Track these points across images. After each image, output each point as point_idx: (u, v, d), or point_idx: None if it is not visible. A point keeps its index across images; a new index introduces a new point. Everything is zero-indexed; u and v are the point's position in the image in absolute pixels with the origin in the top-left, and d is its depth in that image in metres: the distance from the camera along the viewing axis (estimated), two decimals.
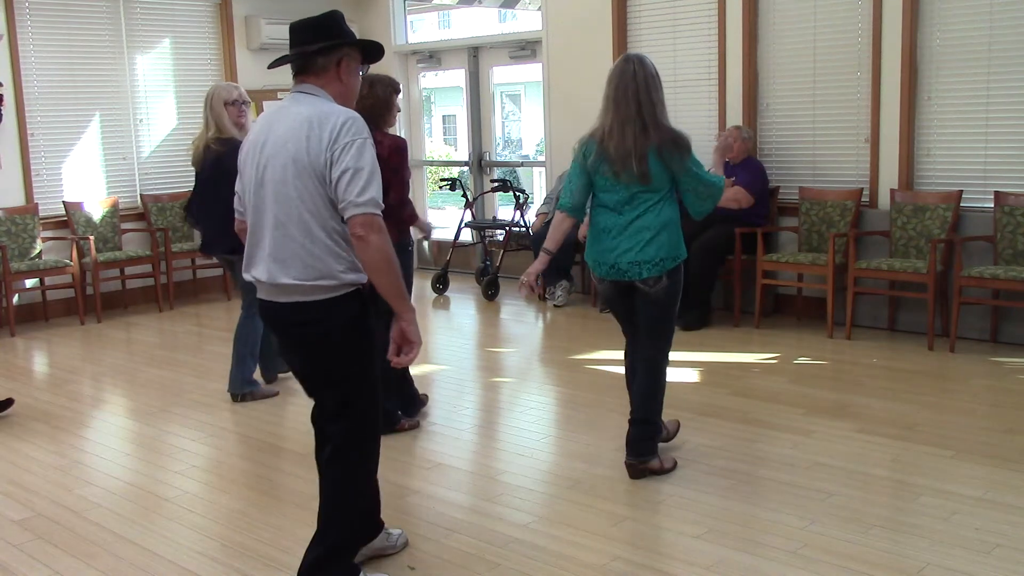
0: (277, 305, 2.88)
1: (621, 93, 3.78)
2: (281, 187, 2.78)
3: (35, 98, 7.81)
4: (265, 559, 3.37)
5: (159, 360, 6.46)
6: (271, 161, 2.80)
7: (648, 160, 3.75)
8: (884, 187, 6.54)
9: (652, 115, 3.76)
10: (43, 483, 4.24)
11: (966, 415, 4.73)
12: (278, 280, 2.81)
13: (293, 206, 2.76)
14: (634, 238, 3.80)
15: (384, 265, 2.73)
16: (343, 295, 2.82)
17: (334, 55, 2.88)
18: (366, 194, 2.69)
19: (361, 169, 2.69)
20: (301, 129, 2.75)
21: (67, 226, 7.89)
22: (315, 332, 2.85)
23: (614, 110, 3.80)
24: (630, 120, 3.75)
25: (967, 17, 6.17)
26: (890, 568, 3.15)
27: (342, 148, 2.70)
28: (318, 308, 2.81)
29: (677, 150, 3.77)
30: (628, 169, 3.75)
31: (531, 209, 8.87)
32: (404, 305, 2.80)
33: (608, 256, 3.86)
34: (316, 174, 2.73)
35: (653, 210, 3.81)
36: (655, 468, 4.00)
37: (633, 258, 3.80)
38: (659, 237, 3.80)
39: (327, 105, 2.81)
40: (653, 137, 3.74)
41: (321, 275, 2.78)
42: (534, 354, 6.60)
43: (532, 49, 8.76)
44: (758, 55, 7.06)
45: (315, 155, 2.72)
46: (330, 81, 2.89)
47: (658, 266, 3.80)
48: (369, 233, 2.69)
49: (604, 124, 3.82)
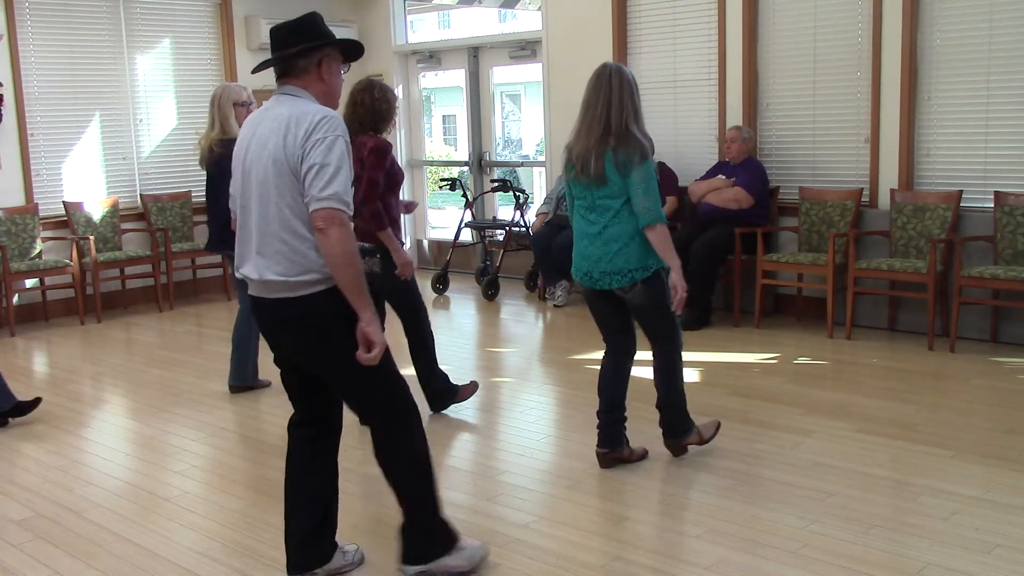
0: (266, 301, 2.93)
1: (593, 97, 3.83)
2: (263, 186, 2.85)
3: (35, 98, 7.81)
4: (265, 559, 3.37)
5: (159, 360, 6.46)
6: (255, 162, 2.88)
7: (604, 161, 3.77)
8: (884, 187, 6.54)
9: (620, 119, 3.78)
10: (43, 483, 4.24)
11: (966, 415, 4.73)
12: (265, 276, 2.87)
13: (275, 204, 2.83)
14: (604, 248, 3.85)
15: (343, 259, 2.76)
16: (328, 289, 2.86)
17: (314, 56, 2.93)
18: (329, 189, 2.74)
19: (327, 165, 2.75)
20: (280, 129, 2.82)
21: (67, 226, 7.89)
22: (304, 326, 2.89)
23: (583, 113, 3.87)
24: (596, 121, 3.80)
25: (967, 17, 6.17)
26: (890, 568, 3.15)
27: (313, 144, 2.77)
28: (304, 303, 2.86)
29: (628, 154, 3.74)
30: (587, 171, 3.81)
31: (531, 209, 8.87)
32: (362, 303, 2.81)
33: (582, 263, 3.94)
34: (292, 170, 2.79)
35: (619, 219, 3.81)
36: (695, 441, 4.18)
37: (604, 268, 3.86)
38: (627, 249, 3.82)
39: (306, 105, 2.87)
40: (612, 140, 3.77)
41: (305, 270, 2.84)
42: (534, 354, 6.60)
43: (532, 49, 8.76)
44: (758, 55, 7.06)
45: (291, 153, 2.79)
46: (311, 82, 2.94)
47: (627, 276, 3.84)
48: (330, 226, 2.74)
49: (575, 128, 3.91)
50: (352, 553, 3.28)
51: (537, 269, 8.09)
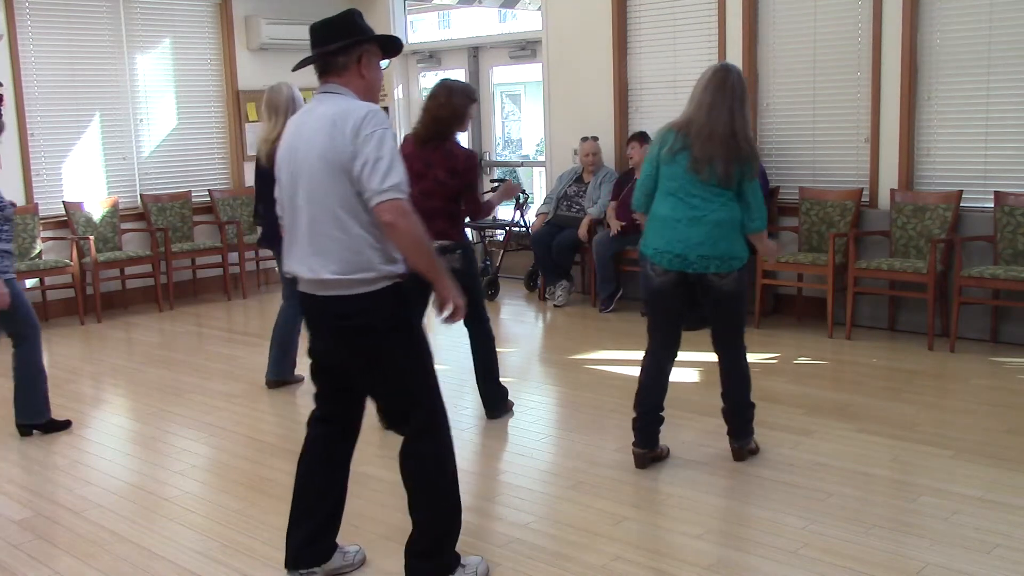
0: (319, 299, 2.92)
1: (718, 98, 3.90)
2: (313, 186, 2.84)
3: (35, 98, 7.81)
4: (265, 559, 3.37)
5: (159, 360, 6.46)
6: (302, 163, 2.87)
7: (735, 167, 3.89)
8: (884, 187, 6.54)
9: (743, 125, 3.92)
10: (43, 483, 4.24)
11: (966, 415, 4.73)
12: (320, 275, 2.87)
13: (326, 204, 2.82)
14: (708, 232, 3.89)
15: (416, 245, 2.82)
16: (383, 288, 2.88)
17: (354, 52, 2.93)
18: (388, 181, 2.76)
19: (381, 158, 2.76)
20: (325, 128, 2.81)
21: (67, 226, 7.89)
22: (357, 325, 2.89)
23: (703, 111, 3.90)
24: (721, 124, 3.87)
25: (967, 17, 6.17)
26: (890, 568, 3.15)
27: (363, 140, 2.76)
28: (359, 301, 2.87)
29: (752, 164, 3.94)
30: (712, 169, 3.87)
31: (531, 209, 8.86)
32: (438, 274, 2.90)
33: (675, 245, 3.92)
34: (344, 169, 2.79)
35: (726, 207, 3.92)
36: (753, 449, 4.23)
37: (705, 251, 3.89)
38: (731, 235, 3.93)
39: (349, 102, 2.87)
40: (743, 146, 3.90)
41: (360, 268, 2.84)
42: (534, 354, 6.60)
43: (532, 49, 8.76)
44: (758, 55, 7.06)
45: (340, 151, 2.78)
46: (352, 78, 2.94)
47: (726, 263, 3.91)
48: (397, 218, 2.76)
49: (695, 121, 3.92)
50: (353, 554, 3.27)
51: (537, 269, 8.09)
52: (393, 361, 2.92)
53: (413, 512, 3.06)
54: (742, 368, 4.17)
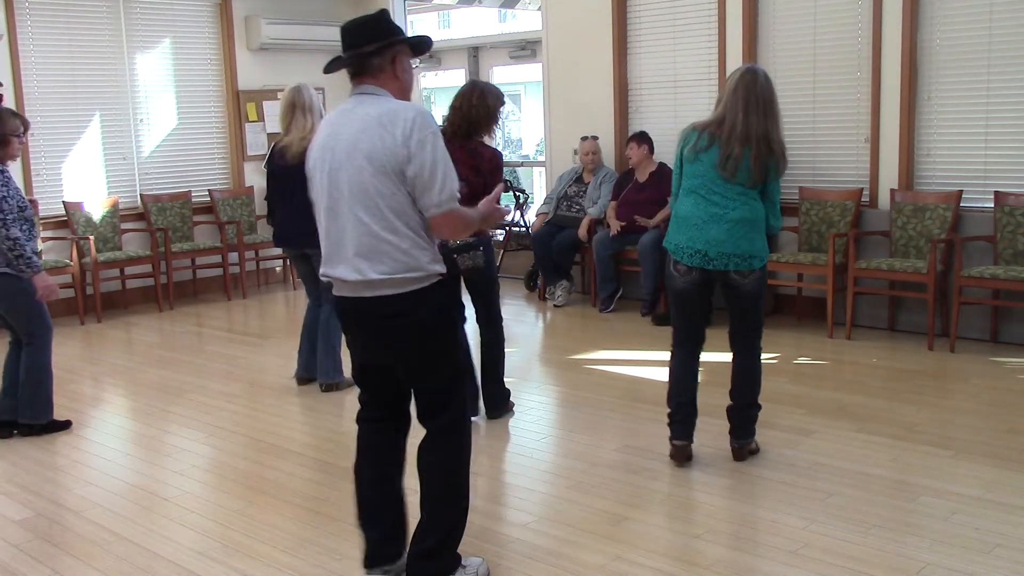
0: (365, 300, 2.91)
1: (751, 100, 3.91)
2: (359, 187, 2.82)
3: (35, 98, 7.81)
4: (265, 559, 3.37)
5: (159, 360, 6.46)
6: (344, 164, 2.84)
7: (767, 169, 3.93)
8: (884, 187, 6.54)
9: (775, 128, 3.95)
10: (43, 483, 4.24)
11: (966, 415, 4.73)
12: (368, 276, 2.86)
13: (375, 204, 2.81)
14: (731, 230, 3.91)
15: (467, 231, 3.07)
16: (431, 285, 2.90)
17: (388, 53, 2.93)
18: (445, 191, 2.81)
19: (436, 165, 2.79)
20: (372, 128, 2.80)
21: (67, 226, 7.89)
22: (407, 323, 2.89)
23: (742, 114, 3.91)
24: (752, 127, 3.90)
25: (967, 17, 6.17)
26: (890, 568, 3.15)
27: (417, 145, 2.77)
28: (409, 299, 2.88)
29: (780, 166, 3.99)
30: (742, 169, 3.89)
31: (531, 209, 8.87)
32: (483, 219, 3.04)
33: (697, 243, 3.94)
34: (394, 170, 2.79)
35: (749, 205, 3.94)
36: (753, 450, 4.24)
37: (727, 249, 3.91)
38: (753, 234, 3.95)
39: (391, 103, 2.87)
40: (774, 148, 3.94)
41: (410, 268, 2.86)
42: (534, 354, 6.60)
43: (532, 49, 8.78)
44: (758, 55, 7.06)
45: (390, 152, 2.78)
46: (388, 80, 2.94)
47: (747, 261, 3.93)
48: (455, 226, 2.92)
49: (729, 121, 3.92)
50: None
51: (537, 269, 8.09)
52: (443, 352, 2.96)
53: (425, 505, 3.04)
54: (755, 369, 4.20)
